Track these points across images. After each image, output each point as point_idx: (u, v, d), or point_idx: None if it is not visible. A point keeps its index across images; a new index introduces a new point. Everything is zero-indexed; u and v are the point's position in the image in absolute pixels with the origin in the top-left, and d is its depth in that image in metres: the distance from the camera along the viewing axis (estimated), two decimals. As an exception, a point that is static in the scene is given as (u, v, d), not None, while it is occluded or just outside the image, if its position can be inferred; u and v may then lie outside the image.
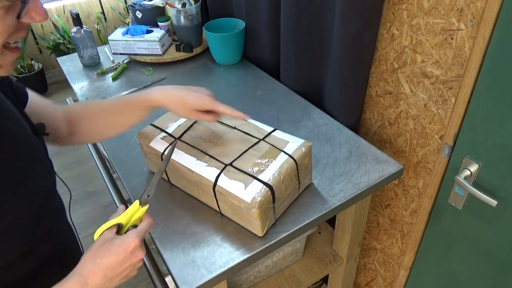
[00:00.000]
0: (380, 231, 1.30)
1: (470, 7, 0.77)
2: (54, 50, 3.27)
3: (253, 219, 0.78)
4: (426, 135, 0.99)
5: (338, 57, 1.05)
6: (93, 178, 2.51)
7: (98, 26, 3.40)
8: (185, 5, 1.47)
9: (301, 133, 1.11)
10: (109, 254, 0.56)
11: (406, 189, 1.12)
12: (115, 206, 1.05)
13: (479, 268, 0.98)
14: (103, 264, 0.56)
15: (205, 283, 0.75)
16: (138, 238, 0.58)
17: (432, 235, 1.08)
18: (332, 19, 1.06)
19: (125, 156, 1.07)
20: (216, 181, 0.79)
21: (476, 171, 0.87)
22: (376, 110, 1.12)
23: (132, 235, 0.58)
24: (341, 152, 1.02)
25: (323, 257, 1.22)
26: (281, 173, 0.79)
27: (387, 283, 1.39)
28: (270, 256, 1.12)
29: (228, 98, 1.29)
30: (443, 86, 0.89)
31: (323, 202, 0.88)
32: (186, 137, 0.90)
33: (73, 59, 1.62)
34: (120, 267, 0.57)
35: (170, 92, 0.81)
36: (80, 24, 1.49)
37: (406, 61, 0.96)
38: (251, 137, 0.88)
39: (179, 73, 1.47)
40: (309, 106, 1.22)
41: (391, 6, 0.93)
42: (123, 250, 0.57)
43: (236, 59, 1.50)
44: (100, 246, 0.57)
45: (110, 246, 0.57)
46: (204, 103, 0.81)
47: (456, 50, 0.83)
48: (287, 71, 1.29)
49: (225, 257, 0.79)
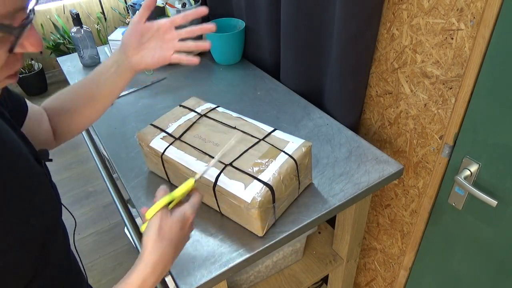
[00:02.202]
0: (380, 231, 1.30)
1: (470, 7, 0.77)
2: (54, 50, 3.27)
3: (253, 219, 0.78)
4: (426, 135, 0.99)
5: (338, 57, 1.05)
6: (93, 178, 2.51)
7: (98, 26, 3.40)
8: (185, 5, 1.47)
9: (301, 133, 1.11)
10: (174, 231, 0.59)
11: (406, 189, 1.12)
12: (115, 206, 1.05)
13: (479, 268, 0.98)
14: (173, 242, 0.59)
15: (205, 283, 0.75)
16: (194, 212, 0.62)
17: (432, 235, 1.08)
18: (332, 19, 1.06)
19: (125, 156, 1.07)
20: (216, 181, 0.79)
21: (476, 171, 0.87)
22: (376, 110, 1.12)
23: (189, 209, 0.61)
24: (341, 152, 1.02)
25: (323, 257, 1.22)
26: (281, 173, 0.79)
27: (387, 283, 1.39)
28: (270, 256, 1.12)
29: (228, 98, 1.29)
30: (443, 86, 0.89)
31: (323, 202, 0.88)
32: (186, 137, 0.90)
33: (73, 59, 1.62)
34: (184, 240, 0.62)
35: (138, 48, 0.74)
36: (80, 24, 1.49)
37: (406, 61, 0.96)
38: (251, 137, 0.88)
39: (179, 73, 1.47)
40: (309, 106, 1.22)
41: (391, 6, 0.93)
42: (185, 225, 0.60)
43: (236, 59, 1.50)
44: (162, 226, 0.59)
45: (173, 224, 0.59)
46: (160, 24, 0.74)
47: (456, 50, 0.83)
48: (287, 71, 1.29)
49: (225, 257, 0.79)
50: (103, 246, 2.09)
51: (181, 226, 0.60)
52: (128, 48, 0.74)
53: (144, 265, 0.57)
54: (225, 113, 0.97)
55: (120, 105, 1.30)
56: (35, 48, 0.45)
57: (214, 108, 0.99)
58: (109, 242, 2.10)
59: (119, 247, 2.07)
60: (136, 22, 0.73)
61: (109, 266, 1.99)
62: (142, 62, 0.75)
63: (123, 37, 0.75)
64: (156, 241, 0.57)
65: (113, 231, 2.16)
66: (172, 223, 0.59)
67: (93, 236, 2.14)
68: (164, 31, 0.74)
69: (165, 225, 0.58)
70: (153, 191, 0.76)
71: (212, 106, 0.99)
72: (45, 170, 0.61)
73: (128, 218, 0.99)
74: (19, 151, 0.56)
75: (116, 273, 1.95)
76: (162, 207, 0.59)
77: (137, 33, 0.73)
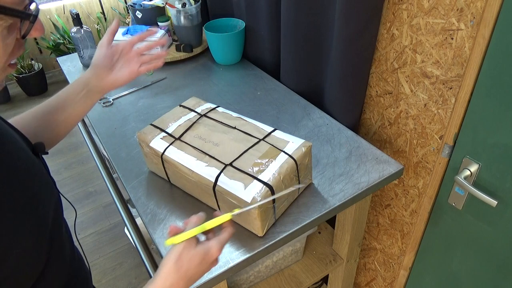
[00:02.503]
0: (380, 231, 1.30)
1: (470, 7, 0.77)
2: (54, 50, 3.27)
3: (253, 219, 0.78)
4: (426, 135, 0.99)
5: (338, 57, 1.05)
6: (93, 178, 2.51)
7: (98, 26, 3.40)
8: (185, 5, 1.47)
9: (301, 133, 1.11)
10: (193, 265, 0.58)
11: (406, 189, 1.12)
12: (115, 206, 1.05)
13: (479, 268, 0.98)
14: (188, 274, 0.58)
15: (205, 283, 0.75)
16: (221, 249, 0.60)
17: (432, 235, 1.08)
18: (332, 19, 1.06)
19: (125, 156, 1.07)
20: (216, 181, 0.79)
21: (476, 171, 0.87)
22: (376, 110, 1.12)
23: (216, 246, 0.59)
24: (341, 152, 1.02)
25: (323, 257, 1.22)
26: (281, 173, 0.79)
27: (387, 283, 1.39)
28: (270, 256, 1.12)
29: (228, 98, 1.29)
30: (443, 86, 0.89)
31: (323, 202, 0.88)
32: (186, 137, 0.90)
33: (73, 59, 1.62)
34: (201, 274, 0.60)
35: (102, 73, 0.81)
36: (80, 24, 1.49)
37: (406, 61, 0.96)
38: (251, 137, 0.88)
39: (179, 73, 1.47)
40: (309, 106, 1.22)
41: (391, 6, 0.93)
42: (206, 262, 0.59)
43: (236, 59, 1.50)
44: (182, 256, 0.58)
45: (194, 257, 0.58)
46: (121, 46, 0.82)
47: (456, 50, 0.83)
48: (287, 71, 1.29)
49: (225, 257, 0.79)
50: (103, 246, 2.09)
51: (200, 261, 0.58)
52: (102, 70, 0.80)
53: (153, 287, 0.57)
54: (225, 113, 0.97)
55: (120, 105, 1.30)
56: (39, 32, 0.49)
57: (214, 108, 0.99)
58: (109, 242, 2.11)
59: (119, 247, 2.07)
60: (104, 45, 0.81)
61: (109, 266, 1.99)
62: (117, 80, 0.82)
63: (95, 61, 0.81)
64: (172, 268, 0.57)
65: (113, 231, 2.16)
66: (193, 256, 0.58)
67: (93, 236, 2.14)
68: (127, 51, 0.84)
69: (186, 255, 0.58)
70: (153, 191, 0.76)
71: (212, 106, 0.99)
72: (43, 162, 0.63)
73: (128, 218, 0.99)
74: (19, 143, 0.58)
75: (116, 273, 1.95)
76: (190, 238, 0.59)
77: (107, 56, 0.81)
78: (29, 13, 0.46)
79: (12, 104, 3.32)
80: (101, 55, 0.81)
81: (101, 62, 0.80)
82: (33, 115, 0.78)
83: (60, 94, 0.79)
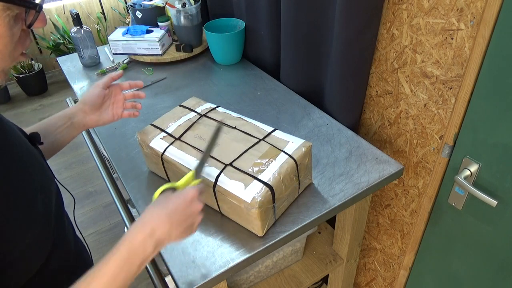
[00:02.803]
0: (380, 231, 1.30)
1: (470, 7, 0.77)
2: (54, 50, 3.27)
3: (253, 219, 0.78)
4: (426, 135, 0.99)
5: (338, 57, 1.05)
6: (93, 178, 2.51)
7: (98, 26, 3.40)
8: (185, 5, 1.47)
9: (301, 133, 1.11)
10: (170, 201, 0.62)
11: (406, 189, 1.12)
12: (115, 206, 1.05)
13: (479, 268, 0.98)
14: (167, 209, 0.61)
15: (205, 283, 0.75)
16: (196, 190, 0.64)
17: (432, 235, 1.08)
18: (332, 19, 1.06)
19: (125, 156, 1.07)
20: (216, 181, 0.79)
21: (476, 171, 0.87)
22: (376, 110, 1.12)
23: (192, 191, 0.64)
24: (341, 152, 1.02)
25: (323, 257, 1.22)
26: (281, 173, 0.79)
27: (387, 283, 1.39)
28: (270, 256, 1.12)
29: (228, 98, 1.29)
30: (443, 86, 0.89)
31: (323, 202, 0.88)
32: (186, 137, 0.90)
33: (73, 59, 1.62)
34: (182, 212, 0.62)
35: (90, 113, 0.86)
36: (80, 24, 1.49)
37: (406, 61, 0.96)
38: (251, 137, 0.88)
39: (179, 73, 1.47)
40: (309, 106, 1.22)
41: (391, 6, 0.93)
42: (183, 198, 0.63)
43: (236, 59, 1.50)
44: (160, 200, 0.63)
45: (170, 196, 0.63)
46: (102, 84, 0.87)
47: (456, 50, 0.83)
48: (287, 71, 1.29)
49: (225, 257, 0.79)
50: (103, 246, 2.09)
51: (178, 197, 0.62)
52: (89, 108, 0.85)
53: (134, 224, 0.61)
54: (225, 113, 0.97)
55: (120, 105, 1.29)
56: (42, 23, 0.52)
57: (214, 108, 0.99)
58: (109, 242, 2.10)
59: (119, 247, 2.07)
60: (100, 87, 0.86)
61: (109, 266, 1.98)
62: (100, 120, 0.87)
63: (86, 98, 0.86)
64: (150, 206, 0.62)
65: (113, 231, 2.16)
66: (172, 196, 0.63)
67: (93, 236, 2.14)
68: (115, 94, 0.89)
69: (163, 197, 0.63)
70: (153, 191, 0.76)
71: (212, 106, 0.99)
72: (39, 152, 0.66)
73: (128, 218, 0.99)
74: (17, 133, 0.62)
75: (116, 273, 1.95)
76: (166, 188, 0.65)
77: (100, 96, 0.86)
78: (36, 2, 0.49)
79: (12, 104, 3.32)
80: (94, 94, 0.85)
81: (92, 100, 0.85)
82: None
83: (45, 122, 0.83)
